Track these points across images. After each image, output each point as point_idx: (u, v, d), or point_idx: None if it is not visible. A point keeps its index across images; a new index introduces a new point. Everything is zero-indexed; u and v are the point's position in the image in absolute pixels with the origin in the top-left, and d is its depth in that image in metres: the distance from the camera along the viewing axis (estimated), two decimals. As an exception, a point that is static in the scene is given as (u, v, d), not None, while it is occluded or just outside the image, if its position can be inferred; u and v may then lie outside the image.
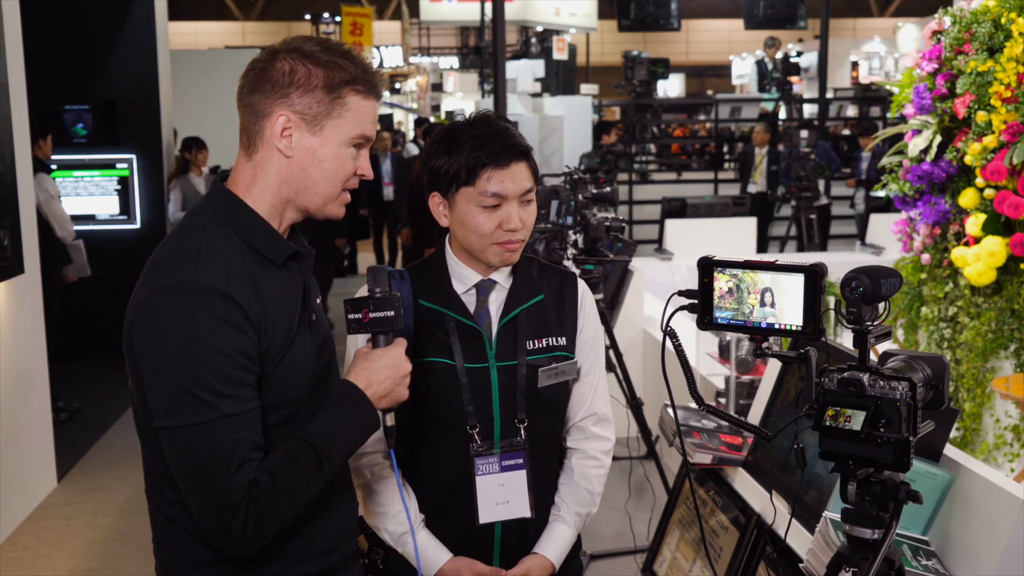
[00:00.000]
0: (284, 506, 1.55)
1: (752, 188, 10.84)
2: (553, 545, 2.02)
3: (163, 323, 1.51)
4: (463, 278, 1.99)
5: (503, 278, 2.00)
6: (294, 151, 1.61)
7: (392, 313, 1.68)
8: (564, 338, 2.01)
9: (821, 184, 9.89)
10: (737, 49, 25.96)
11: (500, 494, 1.97)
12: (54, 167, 6.81)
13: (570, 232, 4.07)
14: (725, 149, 14.85)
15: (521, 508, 1.97)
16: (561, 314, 2.03)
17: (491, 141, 1.89)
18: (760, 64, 14.65)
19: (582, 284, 2.09)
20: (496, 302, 2.00)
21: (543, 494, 2.03)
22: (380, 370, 1.66)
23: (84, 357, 7.21)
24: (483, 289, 1.99)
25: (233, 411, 1.52)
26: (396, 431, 1.73)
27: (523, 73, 14.31)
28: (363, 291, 1.75)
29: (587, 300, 2.08)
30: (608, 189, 4.32)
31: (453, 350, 1.95)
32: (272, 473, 1.54)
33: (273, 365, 1.58)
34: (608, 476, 2.13)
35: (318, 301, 1.76)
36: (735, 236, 7.25)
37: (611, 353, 4.08)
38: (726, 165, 13.04)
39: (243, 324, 1.53)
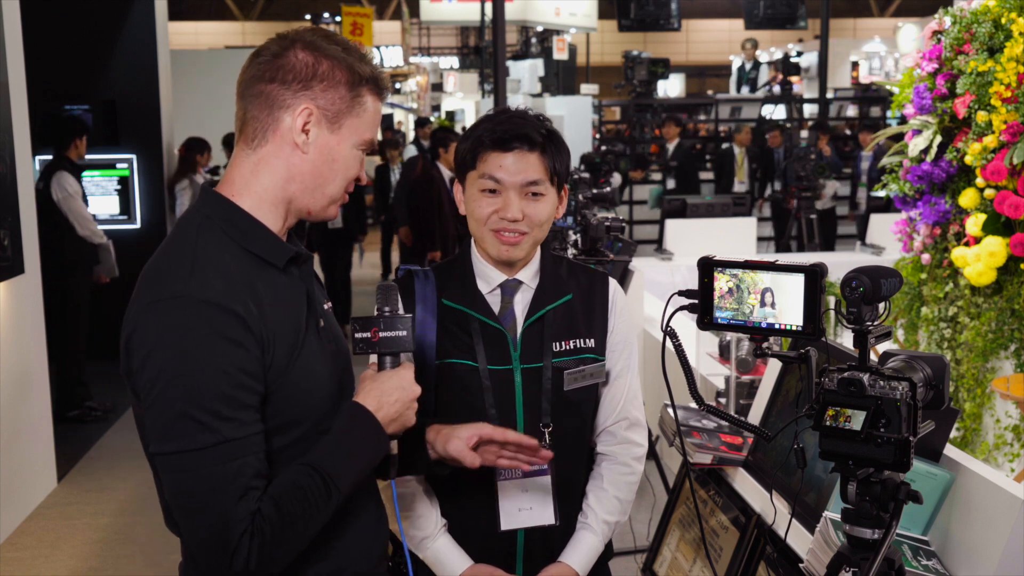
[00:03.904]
0: (290, 538, 1.44)
1: (740, 188, 10.88)
2: (579, 554, 1.96)
3: (158, 341, 1.40)
4: (488, 278, 1.94)
5: (529, 278, 1.95)
6: (311, 147, 1.53)
7: (404, 333, 1.60)
8: (593, 340, 1.96)
9: (831, 187, 9.91)
10: (737, 49, 25.92)
11: (523, 500, 1.92)
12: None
13: (570, 232, 4.07)
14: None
15: (545, 515, 1.92)
16: (590, 315, 1.97)
17: (501, 125, 1.86)
18: (739, 69, 14.75)
19: (614, 284, 2.03)
20: (522, 302, 1.94)
21: (569, 501, 1.98)
22: (390, 392, 1.56)
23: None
24: (508, 289, 1.94)
25: (235, 435, 1.41)
26: (399, 460, 1.65)
27: (529, 73, 14.31)
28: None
29: (619, 301, 2.01)
30: (608, 189, 4.33)
31: (476, 352, 1.90)
32: (277, 503, 1.43)
33: (282, 378, 1.48)
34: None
35: (327, 306, 1.66)
36: (735, 236, 7.25)
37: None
38: (707, 166, 13.16)
39: (244, 338, 1.43)
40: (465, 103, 22.37)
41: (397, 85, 26.36)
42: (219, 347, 1.41)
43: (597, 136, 13.08)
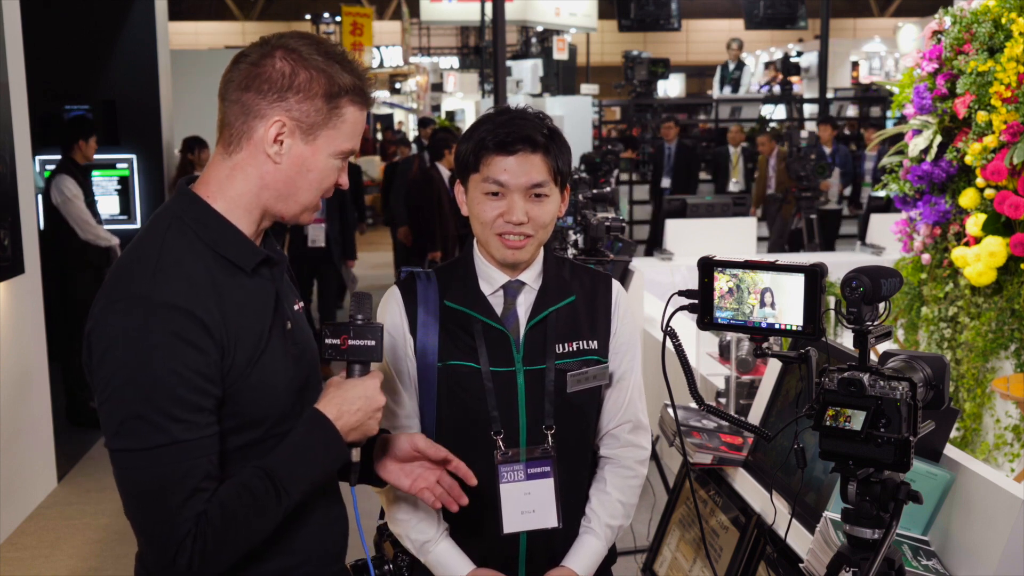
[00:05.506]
0: (234, 541, 1.46)
1: (735, 187, 10.89)
2: (582, 558, 1.95)
3: (116, 339, 1.42)
4: (490, 279, 1.93)
5: (532, 279, 1.94)
6: (283, 158, 1.53)
7: (373, 343, 1.59)
8: (596, 341, 1.95)
9: (836, 185, 9.93)
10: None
11: (526, 503, 1.91)
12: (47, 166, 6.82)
13: (570, 232, 4.07)
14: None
15: (548, 518, 1.91)
16: (593, 317, 1.97)
17: (503, 127, 1.85)
18: (722, 68, 14.74)
19: (617, 286, 2.03)
20: (524, 304, 1.93)
21: (572, 504, 1.97)
22: (353, 400, 1.55)
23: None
24: (511, 290, 1.93)
25: (185, 437, 1.42)
26: (360, 468, 1.65)
27: (531, 73, 14.30)
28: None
29: (622, 302, 2.01)
30: (608, 189, 4.33)
31: (478, 353, 1.89)
32: (224, 505, 1.44)
33: (240, 381, 1.49)
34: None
35: (297, 307, 1.67)
36: (735, 236, 7.24)
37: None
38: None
39: (203, 341, 1.43)
40: (465, 103, 22.36)
41: (397, 85, 26.37)
42: (176, 349, 1.42)
43: (598, 137, 13.07)
